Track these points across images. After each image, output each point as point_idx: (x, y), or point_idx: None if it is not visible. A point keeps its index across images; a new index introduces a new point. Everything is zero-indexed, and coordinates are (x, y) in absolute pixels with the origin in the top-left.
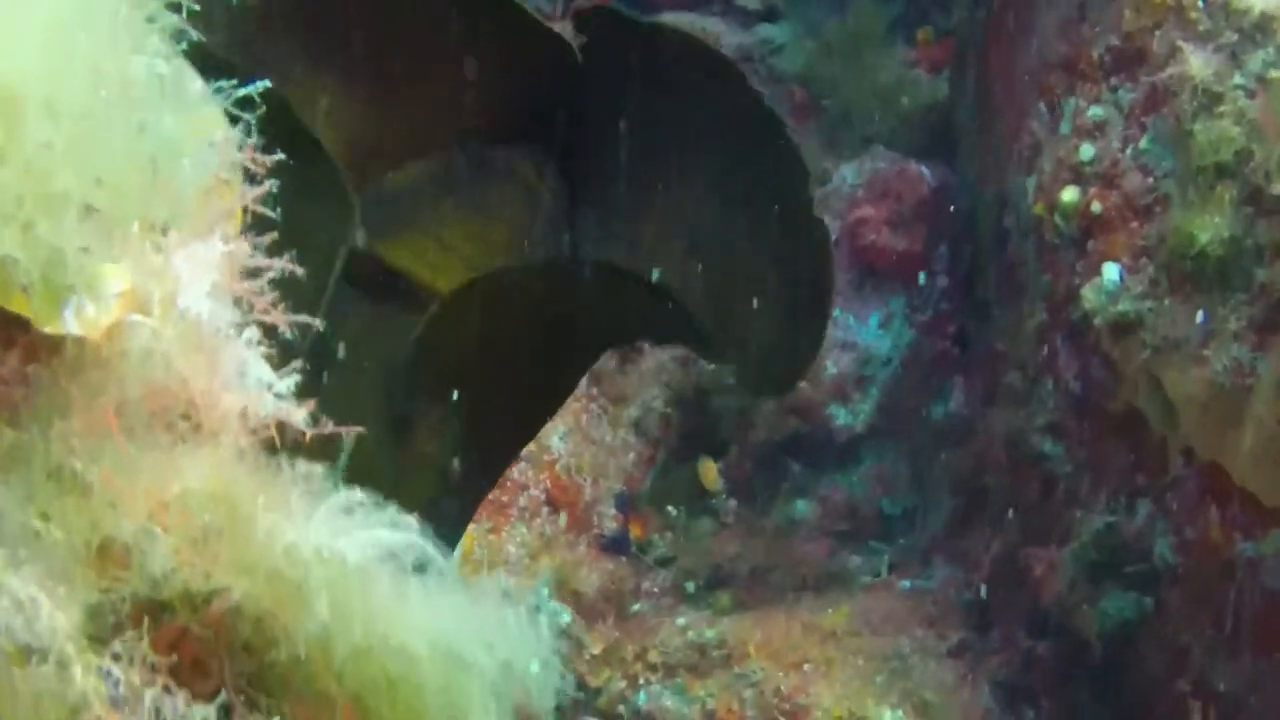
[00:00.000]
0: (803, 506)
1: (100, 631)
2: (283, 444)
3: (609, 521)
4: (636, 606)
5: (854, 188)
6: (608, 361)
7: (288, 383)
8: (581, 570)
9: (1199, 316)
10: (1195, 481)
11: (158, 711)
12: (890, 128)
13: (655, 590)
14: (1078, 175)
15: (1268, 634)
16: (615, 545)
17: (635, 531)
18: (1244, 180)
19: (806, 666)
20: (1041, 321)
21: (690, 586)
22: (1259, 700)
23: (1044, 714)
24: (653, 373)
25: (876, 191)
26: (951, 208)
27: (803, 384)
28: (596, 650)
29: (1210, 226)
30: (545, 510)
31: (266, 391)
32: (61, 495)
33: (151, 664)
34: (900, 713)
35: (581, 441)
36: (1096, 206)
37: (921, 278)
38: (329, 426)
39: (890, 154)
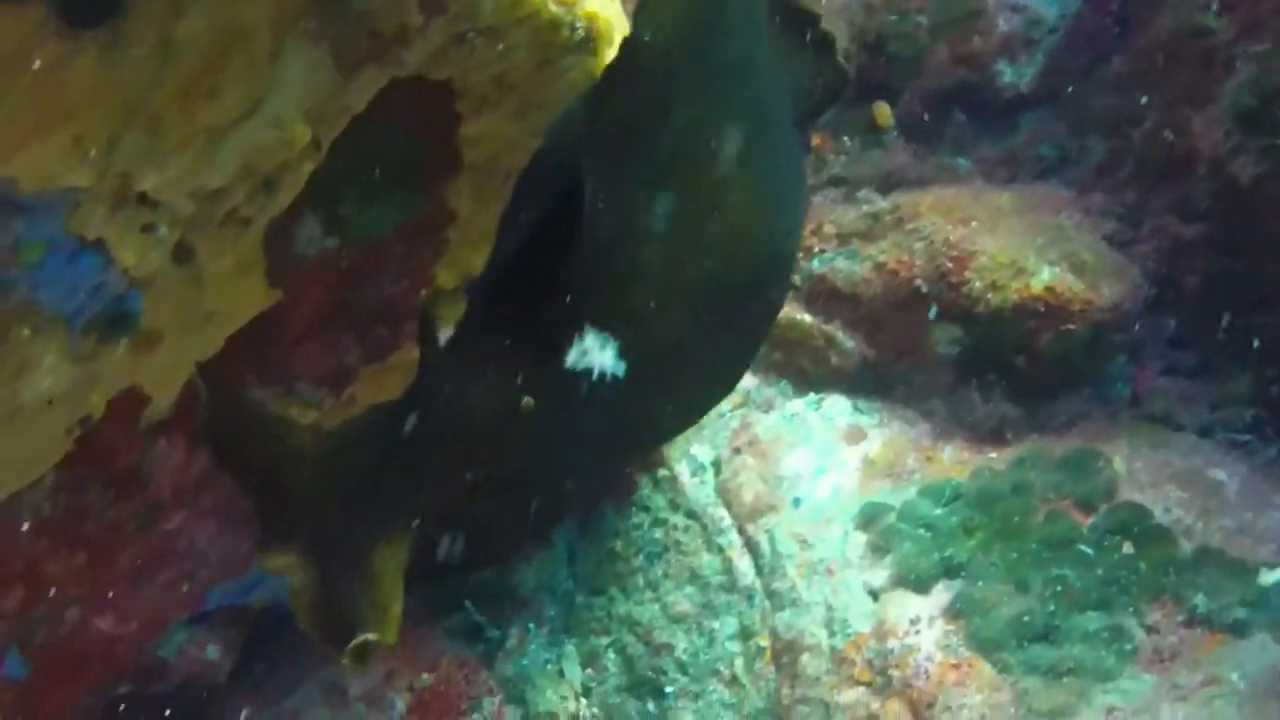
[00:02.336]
0: (964, 163)
1: None
2: None
3: None
4: (813, 199)
5: None
6: None
7: None
8: None
9: None
10: None
11: None
12: None
13: (829, 201)
14: None
15: None
16: None
17: (815, 141)
18: None
19: (974, 223)
20: None
21: (862, 192)
22: None
23: (1188, 290)
24: (839, 9)
25: None
26: None
27: (975, 36)
28: None
29: None
30: None
31: None
32: None
33: None
34: (1058, 270)
35: None
36: None
37: None
38: None
39: None
